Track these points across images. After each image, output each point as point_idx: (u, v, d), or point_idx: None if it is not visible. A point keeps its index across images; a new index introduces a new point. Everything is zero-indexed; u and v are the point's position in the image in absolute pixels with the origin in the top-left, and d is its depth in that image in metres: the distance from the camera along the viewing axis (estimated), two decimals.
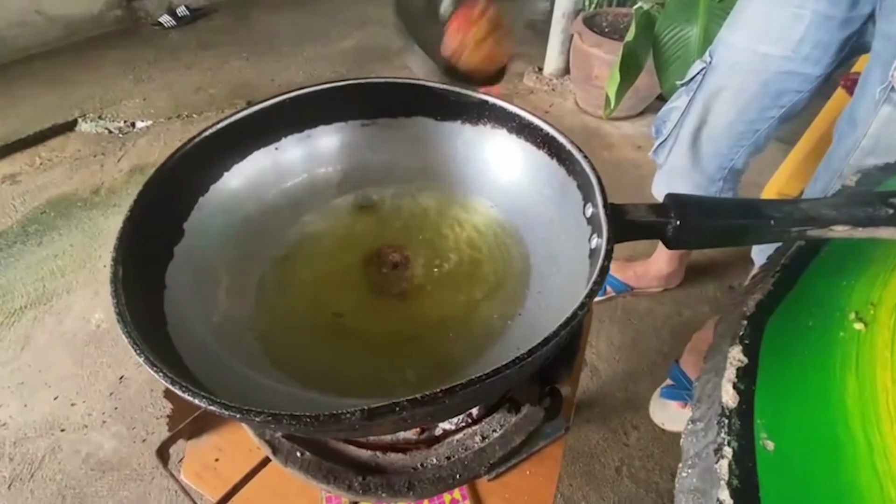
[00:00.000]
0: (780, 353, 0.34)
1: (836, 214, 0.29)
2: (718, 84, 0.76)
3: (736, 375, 0.33)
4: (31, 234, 1.58)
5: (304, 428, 0.20)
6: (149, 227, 0.31)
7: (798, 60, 0.68)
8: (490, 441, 0.33)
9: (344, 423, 0.20)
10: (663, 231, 0.30)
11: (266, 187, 0.40)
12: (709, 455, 0.31)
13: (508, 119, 0.40)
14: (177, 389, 0.21)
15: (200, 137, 0.35)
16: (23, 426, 1.08)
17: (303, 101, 0.40)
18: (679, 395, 1.07)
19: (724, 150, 0.83)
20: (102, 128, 2.13)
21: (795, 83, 0.71)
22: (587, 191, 0.33)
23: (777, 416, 0.31)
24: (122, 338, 0.92)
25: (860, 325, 0.36)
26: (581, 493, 0.99)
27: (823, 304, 0.38)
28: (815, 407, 0.32)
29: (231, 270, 0.35)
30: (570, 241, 0.34)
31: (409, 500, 0.31)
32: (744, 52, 0.71)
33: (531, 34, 2.71)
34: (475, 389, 0.21)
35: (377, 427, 0.24)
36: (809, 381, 0.33)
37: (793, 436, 0.30)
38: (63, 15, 2.60)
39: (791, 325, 0.36)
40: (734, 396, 0.32)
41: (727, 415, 0.31)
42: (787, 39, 0.67)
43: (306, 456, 0.32)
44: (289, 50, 2.59)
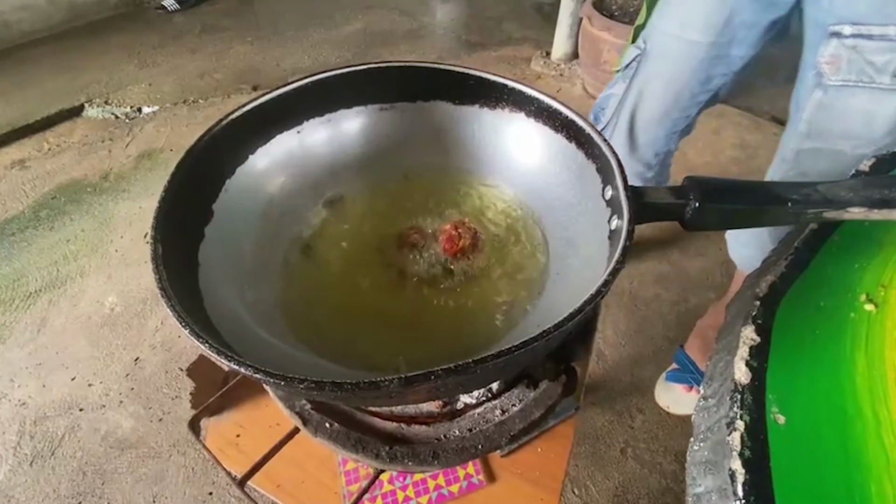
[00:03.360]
0: (791, 333, 0.35)
1: (853, 196, 0.30)
2: (652, 71, 0.77)
3: (749, 353, 0.34)
4: (43, 218, 1.60)
5: (344, 394, 0.21)
6: (181, 207, 0.32)
7: (724, 45, 0.69)
8: (510, 414, 0.34)
9: (382, 389, 0.21)
10: (682, 213, 0.31)
11: (289, 169, 0.40)
12: (721, 429, 0.33)
13: (527, 102, 0.41)
14: (222, 360, 0.23)
15: (226, 121, 0.36)
16: (42, 406, 1.11)
17: (324, 85, 0.41)
18: (684, 378, 1.09)
19: (660, 138, 0.85)
20: (109, 113, 2.13)
21: (723, 67, 0.72)
22: (606, 173, 0.34)
23: (788, 391, 0.32)
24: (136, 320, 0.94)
25: (871, 306, 0.37)
26: (587, 473, 1.01)
27: (835, 286, 0.39)
28: (826, 383, 0.33)
29: (258, 249, 0.37)
30: (588, 223, 0.35)
31: (433, 469, 0.32)
32: (674, 39, 0.73)
33: (538, 18, 2.68)
34: (505, 360, 0.22)
35: (411, 394, 0.26)
36: (820, 359, 0.34)
37: (803, 410, 0.31)
38: None
39: (803, 306, 0.37)
40: (746, 373, 0.33)
41: (740, 390, 0.32)
42: (714, 25, 0.68)
43: (335, 427, 0.33)
44: (294, 34, 2.57)
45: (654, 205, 0.31)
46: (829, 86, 0.58)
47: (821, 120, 0.61)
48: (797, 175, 0.66)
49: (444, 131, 0.44)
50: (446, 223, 0.40)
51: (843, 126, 0.60)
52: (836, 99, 0.58)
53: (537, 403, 0.35)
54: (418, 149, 0.44)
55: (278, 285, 0.36)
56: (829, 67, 0.57)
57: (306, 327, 0.34)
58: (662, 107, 0.80)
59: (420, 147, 0.44)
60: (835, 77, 0.57)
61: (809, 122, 0.62)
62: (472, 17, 2.76)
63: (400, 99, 0.44)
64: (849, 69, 0.56)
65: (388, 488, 0.54)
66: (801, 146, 0.64)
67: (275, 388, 0.25)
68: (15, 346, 1.23)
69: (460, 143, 0.44)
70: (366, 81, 0.43)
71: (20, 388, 1.15)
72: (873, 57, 0.54)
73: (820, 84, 0.59)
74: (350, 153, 0.43)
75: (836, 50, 0.56)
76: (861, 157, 0.56)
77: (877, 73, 0.54)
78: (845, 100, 0.58)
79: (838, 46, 0.56)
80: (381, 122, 0.43)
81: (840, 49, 0.56)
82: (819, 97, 0.59)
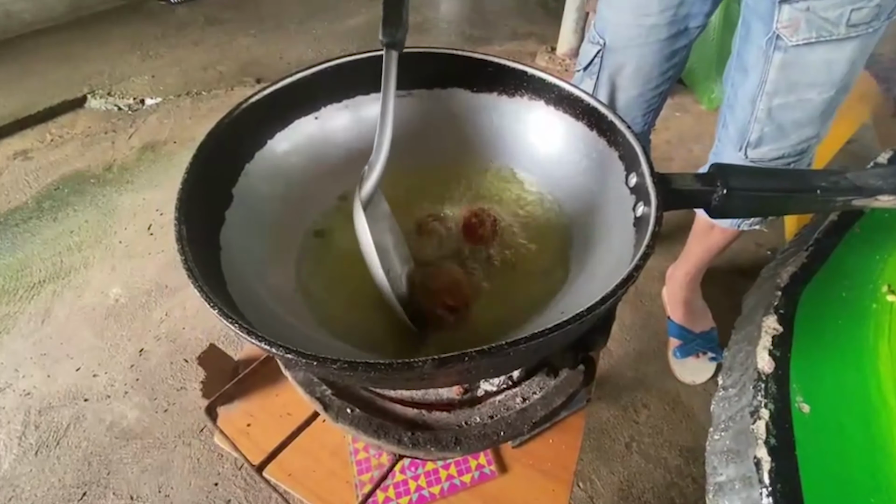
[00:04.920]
0: (814, 323, 0.35)
1: (882, 185, 0.29)
2: (619, 62, 0.81)
3: (772, 343, 0.34)
4: (46, 209, 1.59)
5: (376, 375, 0.21)
6: (202, 191, 0.32)
7: (681, 20, 0.75)
8: (531, 402, 0.34)
9: (416, 370, 0.21)
10: (709, 199, 0.31)
11: (308, 155, 0.40)
12: (744, 418, 0.32)
13: (547, 90, 0.41)
14: (253, 339, 0.22)
15: (246, 105, 0.36)
16: (47, 395, 1.11)
17: (342, 70, 0.40)
18: (690, 349, 1.13)
19: (638, 120, 0.88)
20: (112, 104, 2.12)
21: (683, 40, 0.78)
22: (630, 161, 0.34)
23: (812, 381, 0.32)
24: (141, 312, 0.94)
25: (893, 297, 0.37)
26: (592, 468, 1.01)
27: (856, 277, 0.38)
28: (850, 373, 0.33)
29: (277, 234, 0.36)
30: (611, 211, 0.35)
31: (455, 455, 0.32)
32: (634, 27, 0.76)
33: (543, 13, 2.67)
34: (538, 343, 0.22)
35: (443, 376, 0.26)
36: (843, 349, 0.34)
37: (828, 400, 0.31)
38: None
39: (825, 296, 0.37)
40: (770, 362, 0.33)
41: (763, 379, 0.32)
42: (669, 6, 0.73)
43: (356, 412, 0.33)
44: (297, 27, 2.56)
45: (681, 191, 0.31)
46: (789, 46, 0.63)
47: (786, 77, 0.66)
48: (774, 129, 0.70)
49: (462, 119, 0.44)
50: (465, 211, 0.40)
51: (808, 78, 0.66)
52: (798, 56, 0.64)
53: (558, 391, 0.35)
54: (437, 136, 0.43)
55: (298, 269, 0.36)
56: (787, 31, 0.62)
57: (326, 312, 0.34)
58: (636, 90, 0.84)
59: (438, 134, 0.43)
60: (795, 38, 0.62)
61: (775, 82, 0.67)
62: (475, 12, 2.75)
63: (417, 86, 0.43)
64: (808, 28, 0.61)
65: (400, 478, 0.54)
66: (772, 104, 0.69)
67: (306, 368, 0.24)
68: (19, 336, 1.23)
69: (479, 130, 0.44)
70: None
71: (25, 379, 1.14)
72: (827, 13, 0.59)
73: (779, 47, 0.64)
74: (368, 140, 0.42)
75: (790, 14, 0.61)
76: (827, 99, 0.66)
77: (833, 27, 0.60)
78: (806, 55, 0.64)
79: (792, 11, 0.61)
80: (399, 110, 0.43)
81: (794, 13, 0.61)
82: (780, 59, 0.65)
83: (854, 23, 0.59)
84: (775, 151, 0.72)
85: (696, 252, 1.07)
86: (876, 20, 0.59)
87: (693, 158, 1.64)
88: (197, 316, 1.27)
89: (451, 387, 0.35)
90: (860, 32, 0.60)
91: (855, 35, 0.60)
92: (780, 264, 0.41)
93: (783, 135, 0.71)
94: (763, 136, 0.72)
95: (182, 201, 0.29)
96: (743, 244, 1.41)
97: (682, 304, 1.15)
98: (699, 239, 1.04)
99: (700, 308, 1.18)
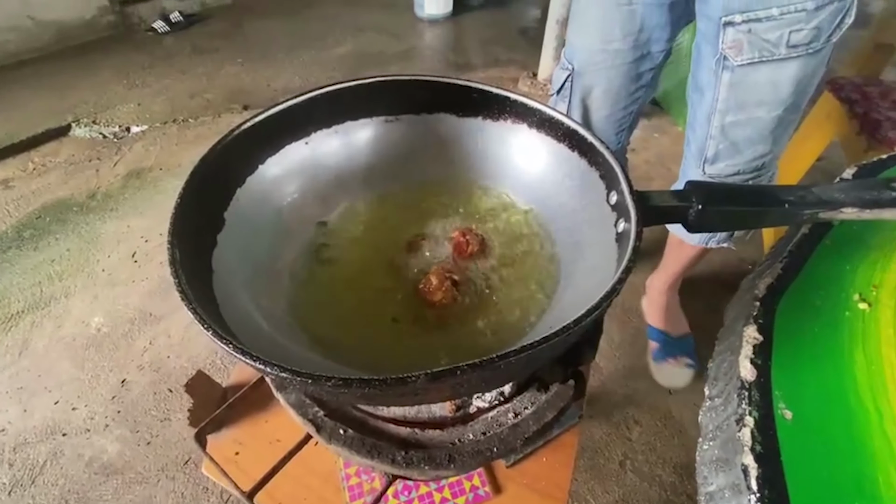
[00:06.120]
0: (791, 331, 0.37)
1: (845, 198, 0.31)
2: (588, 85, 0.85)
3: (753, 352, 0.35)
4: (27, 238, 1.56)
5: (370, 391, 0.21)
6: (194, 215, 0.32)
7: (644, 45, 0.79)
8: (523, 417, 0.34)
9: (409, 386, 0.21)
10: (685, 215, 0.32)
11: (299, 179, 0.41)
12: (730, 426, 0.33)
13: (529, 114, 0.42)
14: (247, 360, 0.22)
15: (238, 131, 0.37)
16: (22, 431, 1.07)
17: (332, 98, 0.41)
18: (668, 352, 1.15)
19: (611, 139, 0.92)
20: (97, 132, 2.11)
21: (648, 63, 0.82)
22: (610, 179, 0.35)
23: (793, 388, 0.33)
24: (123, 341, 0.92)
25: (864, 305, 0.38)
26: (587, 487, 1.00)
27: (829, 287, 0.40)
28: (829, 380, 0.34)
29: (269, 256, 0.37)
30: (593, 228, 0.36)
31: (450, 473, 0.32)
32: (600, 53, 0.81)
33: (524, 41, 2.76)
34: (527, 355, 0.22)
35: (436, 391, 0.26)
36: (821, 357, 0.35)
37: (809, 406, 0.32)
38: (55, 20, 2.57)
39: (800, 306, 0.39)
40: (752, 371, 0.34)
41: (747, 387, 0.33)
42: (631, 32, 0.77)
43: (349, 433, 0.33)
44: (284, 56, 2.60)
45: (659, 208, 0.32)
46: (735, 66, 0.67)
47: (735, 96, 0.70)
48: (728, 146, 0.74)
49: (448, 142, 0.45)
50: (455, 231, 0.41)
51: (755, 97, 0.69)
52: (744, 75, 0.67)
53: (549, 406, 0.35)
54: (425, 159, 0.45)
55: (290, 291, 0.37)
56: (732, 51, 0.66)
57: (318, 332, 0.34)
58: (606, 110, 0.88)
59: (426, 157, 0.45)
60: (739, 58, 0.66)
61: (726, 101, 0.70)
62: (459, 41, 2.83)
63: (405, 111, 0.45)
64: (750, 49, 0.65)
65: (394, 503, 0.53)
66: (724, 122, 0.72)
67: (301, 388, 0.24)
68: None
69: (465, 153, 0.45)
70: (372, 94, 0.44)
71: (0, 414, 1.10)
72: (767, 35, 0.63)
73: (726, 67, 0.68)
74: (358, 164, 0.43)
75: (734, 36, 0.65)
76: (776, 117, 0.70)
77: (774, 47, 0.63)
78: (752, 75, 0.67)
79: (735, 33, 0.64)
80: (388, 134, 0.44)
81: (738, 35, 0.64)
82: (728, 78, 0.68)
83: (794, 44, 0.62)
84: (731, 168, 0.76)
85: (671, 263, 1.11)
86: (815, 41, 0.62)
87: (672, 177, 1.69)
88: (182, 343, 1.24)
89: (445, 402, 0.36)
90: (800, 53, 0.63)
91: (796, 55, 0.63)
92: (757, 276, 0.43)
93: (737, 151, 0.75)
94: (718, 152, 0.76)
95: (175, 225, 0.29)
96: (726, 259, 1.45)
97: (660, 309, 1.19)
98: (673, 252, 1.09)
99: (677, 314, 1.22)
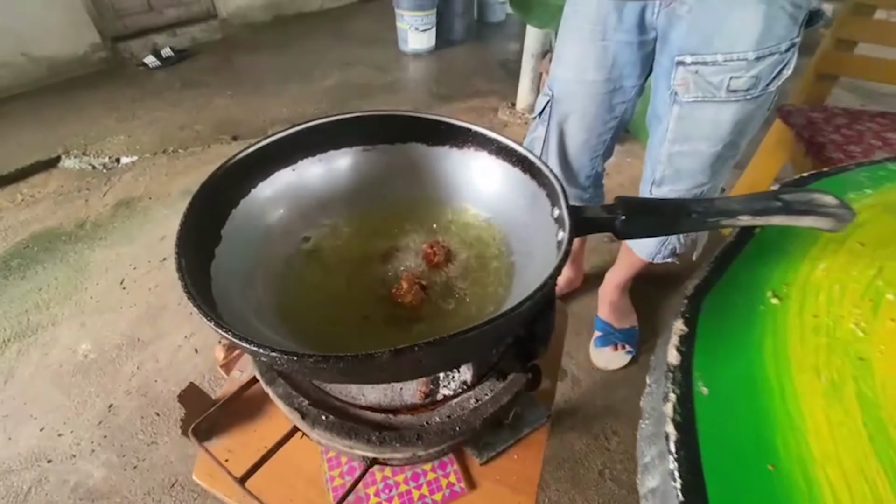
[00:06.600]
0: (713, 324, 0.43)
1: (741, 208, 0.38)
2: (565, 112, 0.93)
3: (678, 341, 0.41)
4: (14, 268, 1.57)
5: (345, 366, 0.26)
6: (195, 231, 0.37)
7: (616, 79, 0.86)
8: (483, 402, 0.39)
9: (376, 360, 0.26)
10: (613, 225, 0.39)
11: (287, 201, 0.47)
12: (659, 404, 0.39)
13: (489, 143, 0.49)
14: (243, 343, 0.27)
15: (233, 160, 0.43)
16: (7, 459, 1.07)
17: (316, 130, 0.48)
18: (609, 340, 1.26)
19: (586, 163, 1.01)
20: (86, 164, 2.14)
21: (621, 96, 0.89)
22: (554, 198, 0.42)
23: (711, 369, 0.39)
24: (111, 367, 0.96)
25: (776, 300, 0.45)
26: (567, 497, 1.03)
27: (747, 286, 0.46)
28: (741, 362, 0.40)
29: (259, 267, 0.42)
30: (541, 238, 0.42)
31: (418, 449, 0.37)
32: (576, 83, 0.89)
33: (504, 73, 2.90)
34: (475, 334, 0.28)
35: (400, 367, 0.31)
36: (736, 344, 0.41)
37: (723, 383, 0.38)
38: (48, 56, 2.64)
39: (722, 302, 0.45)
40: (677, 356, 0.40)
41: (672, 371, 0.39)
42: (604, 66, 0.84)
43: (330, 419, 0.37)
44: (273, 89, 2.69)
45: (591, 219, 0.39)
46: (683, 102, 0.75)
47: (681, 129, 0.77)
48: (673, 172, 0.82)
49: (420, 168, 0.51)
50: (424, 243, 0.47)
51: (698, 131, 0.77)
52: (691, 111, 0.75)
53: (505, 391, 0.40)
54: (398, 182, 0.51)
55: (276, 295, 0.42)
56: (681, 88, 0.74)
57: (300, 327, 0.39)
58: (581, 136, 0.96)
59: (400, 181, 0.51)
60: (687, 95, 0.74)
61: (674, 132, 0.78)
62: (442, 73, 2.97)
63: (381, 142, 0.51)
64: (696, 88, 0.72)
65: (374, 501, 0.56)
66: (671, 150, 0.81)
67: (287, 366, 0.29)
68: None
69: (434, 177, 0.51)
70: (351, 127, 0.50)
71: None
72: (711, 78, 0.70)
73: (676, 101, 0.75)
74: (340, 186, 0.49)
75: (683, 75, 0.72)
76: (715, 153, 0.77)
77: (716, 90, 0.71)
78: (696, 111, 0.75)
79: (685, 72, 0.72)
80: (366, 161, 0.51)
81: (686, 74, 0.72)
82: (677, 111, 0.76)
83: (733, 89, 0.70)
84: (673, 192, 0.84)
85: (622, 267, 1.22)
86: (753, 89, 0.70)
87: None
88: (170, 367, 1.26)
89: (412, 381, 0.40)
90: (739, 98, 0.71)
91: (735, 100, 0.71)
92: (689, 279, 0.49)
93: (679, 178, 0.83)
94: (665, 177, 0.83)
95: (180, 239, 0.34)
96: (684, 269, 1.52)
97: (608, 303, 1.29)
98: (623, 258, 1.20)
99: (625, 309, 1.31)
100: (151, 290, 1.49)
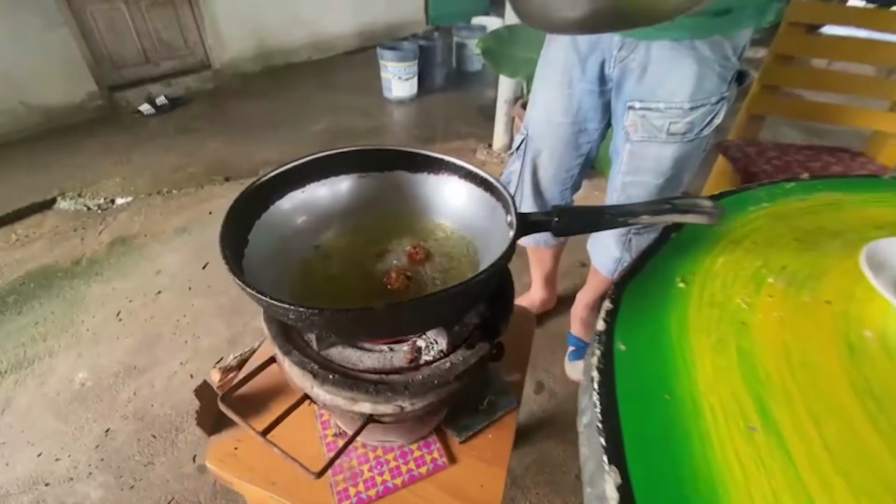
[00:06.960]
0: (633, 302, 0.55)
1: (643, 210, 0.51)
2: (538, 148, 1.08)
3: (605, 314, 0.53)
4: (10, 304, 1.61)
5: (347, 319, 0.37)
6: (231, 235, 0.49)
7: (581, 122, 1.00)
8: (455, 364, 0.50)
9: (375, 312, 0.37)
10: (549, 225, 0.51)
11: (297, 215, 0.59)
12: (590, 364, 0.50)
13: (458, 170, 0.62)
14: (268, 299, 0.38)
15: (256, 184, 0.54)
16: (4, 484, 1.09)
17: (321, 161, 0.60)
18: (581, 353, 1.37)
19: (557, 194, 1.14)
20: (82, 205, 2.21)
21: (586, 137, 1.03)
22: (507, 208, 0.54)
23: (628, 333, 0.51)
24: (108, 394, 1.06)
25: (683, 284, 0.57)
26: (547, 500, 1.10)
27: (662, 274, 0.59)
28: (651, 327, 0.52)
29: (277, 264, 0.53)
30: (497, 238, 0.54)
31: (405, 398, 0.46)
32: (546, 124, 1.04)
33: (482, 118, 3.13)
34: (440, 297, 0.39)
35: (393, 320, 0.41)
36: (649, 316, 0.53)
37: (637, 343, 0.50)
38: (45, 104, 2.75)
39: (641, 286, 0.57)
40: (602, 325, 0.51)
41: (598, 335, 0.51)
42: (569, 111, 0.99)
43: (336, 377, 0.47)
44: (264, 133, 2.84)
45: (534, 221, 0.51)
46: (634, 140, 0.90)
47: (632, 162, 0.93)
48: (625, 198, 0.97)
49: (404, 190, 0.64)
50: (409, 246, 0.59)
51: (645, 165, 0.91)
52: (639, 149, 0.90)
53: (473, 355, 0.51)
54: (388, 201, 0.63)
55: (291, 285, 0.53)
56: (631, 129, 0.89)
57: None
58: (552, 171, 1.10)
59: (389, 200, 0.63)
60: (636, 135, 0.89)
61: (626, 164, 0.94)
62: (424, 118, 3.18)
63: (373, 170, 0.64)
64: (642, 130, 0.87)
65: (368, 475, 0.64)
66: (624, 180, 0.96)
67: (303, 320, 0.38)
68: None
69: (416, 196, 0.64)
70: (349, 158, 0.63)
71: None
72: (654, 122, 0.86)
73: (628, 139, 0.91)
74: (341, 204, 0.62)
75: (633, 118, 0.87)
76: (660, 185, 0.92)
77: (658, 132, 0.86)
78: (644, 149, 0.90)
79: (634, 115, 0.87)
80: (361, 185, 0.63)
81: (635, 117, 0.87)
82: (629, 148, 0.92)
83: (672, 132, 0.85)
84: None
85: (590, 287, 1.35)
86: (689, 133, 0.85)
87: None
88: (166, 392, 1.31)
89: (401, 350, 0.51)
90: (677, 140, 0.86)
91: (674, 141, 0.86)
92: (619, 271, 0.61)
93: None
94: (618, 203, 0.96)
95: (223, 238, 0.46)
96: None
97: (580, 321, 1.40)
98: (591, 279, 1.33)
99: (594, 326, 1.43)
100: (147, 320, 1.55)
